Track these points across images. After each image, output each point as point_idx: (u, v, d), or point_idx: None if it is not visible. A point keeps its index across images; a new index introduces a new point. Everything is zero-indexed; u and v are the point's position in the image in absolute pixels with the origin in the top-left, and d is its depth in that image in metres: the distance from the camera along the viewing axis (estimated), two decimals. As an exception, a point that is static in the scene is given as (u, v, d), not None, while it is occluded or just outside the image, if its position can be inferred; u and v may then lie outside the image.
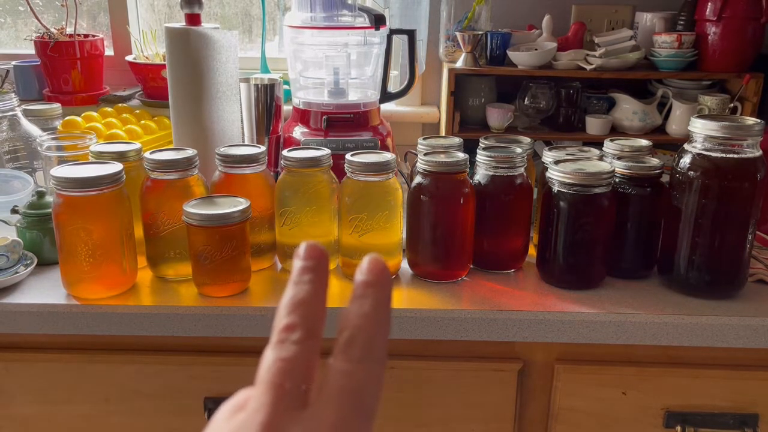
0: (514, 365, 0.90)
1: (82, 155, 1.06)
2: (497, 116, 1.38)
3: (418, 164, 0.92)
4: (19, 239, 0.93)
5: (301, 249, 0.30)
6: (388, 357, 0.28)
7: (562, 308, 0.86)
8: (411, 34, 1.24)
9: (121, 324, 0.86)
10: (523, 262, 0.98)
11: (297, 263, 0.30)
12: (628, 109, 1.39)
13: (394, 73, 1.48)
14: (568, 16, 1.48)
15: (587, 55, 1.36)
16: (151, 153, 0.92)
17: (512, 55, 1.37)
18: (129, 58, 1.47)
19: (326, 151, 0.94)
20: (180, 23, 1.08)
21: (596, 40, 1.37)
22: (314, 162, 0.92)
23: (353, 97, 1.25)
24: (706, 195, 0.84)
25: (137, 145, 0.98)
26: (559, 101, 1.40)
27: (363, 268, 0.29)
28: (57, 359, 0.91)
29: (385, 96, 1.26)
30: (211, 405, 0.91)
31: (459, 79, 1.38)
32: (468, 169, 0.91)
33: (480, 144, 1.01)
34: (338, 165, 0.94)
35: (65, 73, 1.48)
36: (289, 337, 0.27)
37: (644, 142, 1.01)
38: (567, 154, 0.99)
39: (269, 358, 0.27)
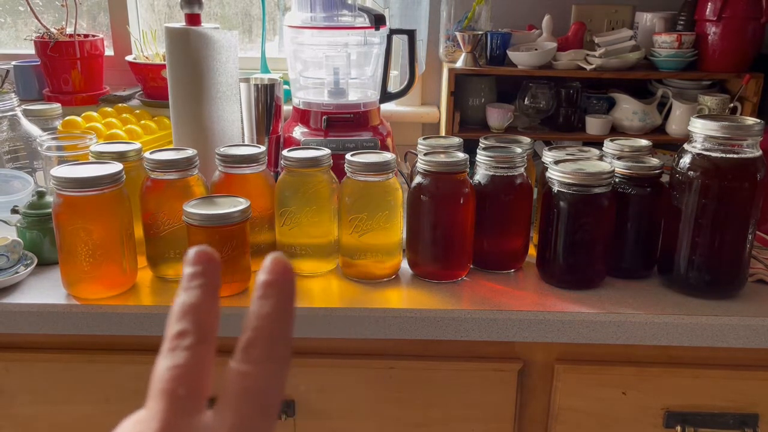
0: (514, 365, 0.90)
1: (82, 155, 1.06)
2: (497, 116, 1.38)
3: (418, 164, 0.92)
4: (19, 239, 0.93)
5: (189, 255, 0.29)
6: (291, 356, 0.28)
7: (562, 308, 0.86)
8: (411, 34, 1.24)
9: (121, 324, 0.86)
10: (523, 262, 0.98)
11: (185, 269, 0.29)
12: (628, 109, 1.39)
13: (394, 73, 1.48)
14: (568, 16, 1.48)
15: (587, 55, 1.36)
16: (151, 153, 0.92)
17: (512, 55, 1.37)
18: (129, 58, 1.47)
19: (326, 151, 0.94)
20: (180, 23, 1.08)
21: (596, 40, 1.37)
22: (314, 162, 0.92)
23: (353, 97, 1.25)
24: (706, 195, 0.84)
25: (137, 145, 0.98)
26: (559, 101, 1.40)
27: (265, 267, 0.29)
28: (57, 359, 0.91)
29: (385, 96, 1.26)
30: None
31: (459, 79, 1.38)
32: (468, 169, 0.91)
33: (480, 144, 1.01)
34: (338, 165, 0.94)
35: (65, 73, 1.48)
36: (180, 343, 0.27)
37: (644, 142, 1.01)
38: (567, 154, 0.99)
39: (161, 366, 0.26)
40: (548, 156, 0.99)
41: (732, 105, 1.35)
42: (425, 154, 0.91)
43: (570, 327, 0.85)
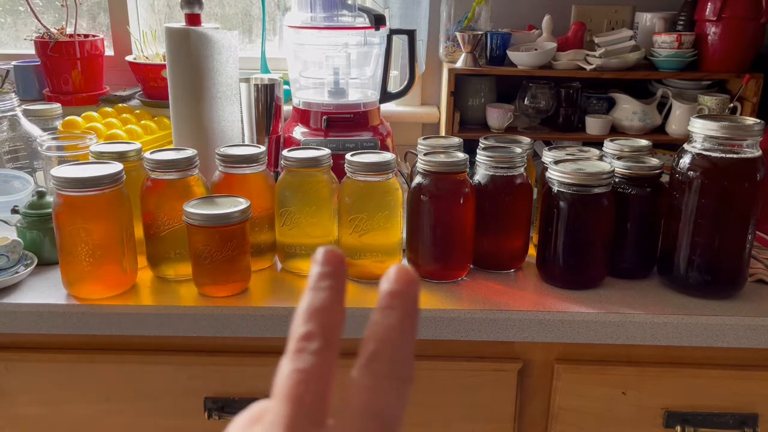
0: (514, 365, 0.90)
1: (82, 155, 1.06)
2: (497, 116, 1.38)
3: (418, 164, 0.92)
4: (19, 239, 0.93)
5: (319, 254, 0.28)
6: (414, 375, 0.27)
7: (562, 308, 0.86)
8: (411, 34, 1.24)
9: (121, 324, 0.86)
10: (523, 262, 0.98)
11: (314, 269, 0.28)
12: (628, 109, 1.39)
13: (394, 73, 1.48)
14: (568, 16, 1.48)
15: (587, 55, 1.36)
16: (151, 153, 0.92)
17: (512, 55, 1.37)
18: (129, 58, 1.47)
19: (326, 151, 0.94)
20: (180, 23, 1.08)
21: (596, 40, 1.37)
22: (314, 162, 0.92)
23: (353, 97, 1.25)
24: (706, 195, 0.84)
25: (137, 145, 0.98)
26: (559, 101, 1.40)
27: (389, 276, 0.28)
28: (57, 359, 0.90)
29: (385, 96, 1.26)
30: (211, 405, 0.91)
31: (459, 79, 1.38)
32: (468, 169, 0.91)
33: (480, 144, 1.01)
34: (338, 165, 0.94)
35: (65, 73, 1.48)
36: (307, 346, 0.26)
37: (644, 142, 1.01)
38: (567, 154, 0.99)
39: (286, 368, 0.26)
40: (548, 156, 0.99)
41: (732, 105, 1.35)
42: (425, 154, 0.91)
43: (570, 327, 0.85)
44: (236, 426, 0.28)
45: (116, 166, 0.86)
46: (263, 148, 0.96)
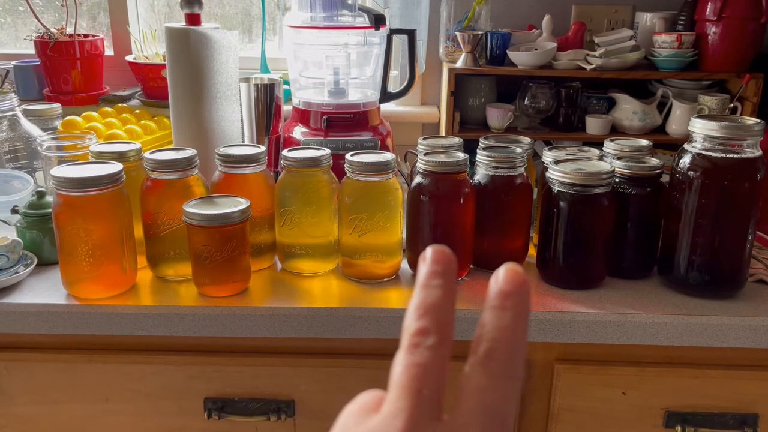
0: (514, 365, 0.90)
1: (82, 155, 1.06)
2: (497, 116, 1.38)
3: (418, 164, 0.92)
4: (19, 239, 0.93)
5: (428, 253, 0.29)
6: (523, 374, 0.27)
7: (562, 308, 0.86)
8: (411, 34, 1.24)
9: (121, 324, 0.86)
10: (523, 262, 0.98)
11: (423, 267, 0.28)
12: (628, 109, 1.39)
13: (394, 73, 1.48)
14: (568, 16, 1.48)
15: (587, 55, 1.36)
16: (151, 153, 0.92)
17: (512, 55, 1.37)
18: (129, 58, 1.47)
19: (326, 151, 0.94)
20: (180, 23, 1.08)
21: (596, 40, 1.37)
22: (314, 162, 0.92)
23: (353, 97, 1.25)
24: (706, 195, 0.84)
25: (137, 145, 0.98)
26: (559, 101, 1.40)
27: (499, 276, 0.28)
28: (57, 359, 0.90)
29: (385, 96, 1.26)
30: (211, 405, 0.91)
31: (459, 79, 1.38)
32: (468, 169, 0.91)
33: (480, 144, 1.01)
34: (338, 165, 0.94)
35: (65, 73, 1.48)
36: (423, 341, 0.26)
37: (644, 142, 1.01)
38: (567, 154, 0.99)
39: (402, 362, 0.26)
40: (548, 156, 0.98)
41: (732, 105, 1.35)
42: (425, 154, 0.91)
43: (570, 327, 0.85)
44: (347, 417, 0.28)
45: (116, 166, 0.86)
46: (263, 148, 0.96)
